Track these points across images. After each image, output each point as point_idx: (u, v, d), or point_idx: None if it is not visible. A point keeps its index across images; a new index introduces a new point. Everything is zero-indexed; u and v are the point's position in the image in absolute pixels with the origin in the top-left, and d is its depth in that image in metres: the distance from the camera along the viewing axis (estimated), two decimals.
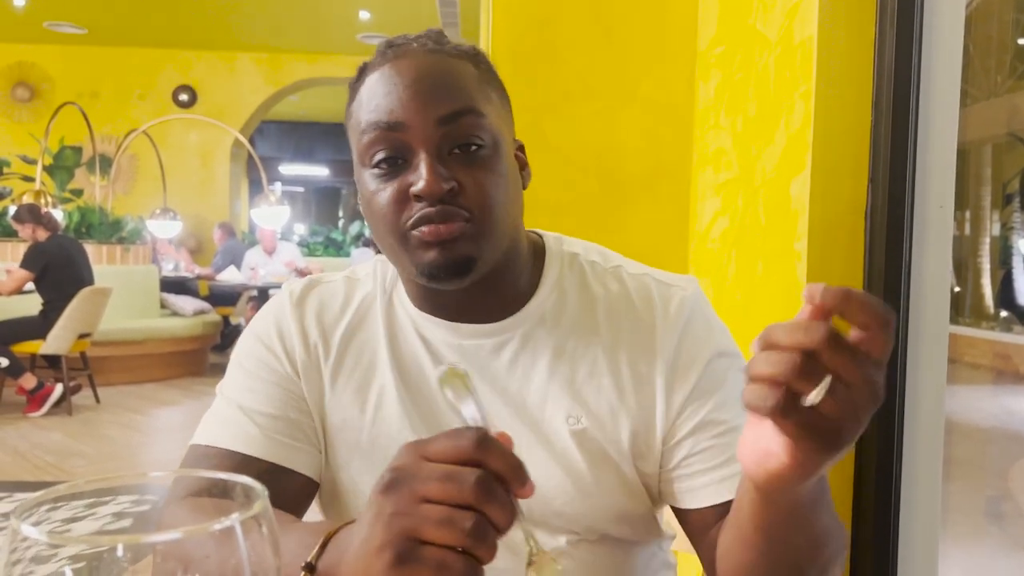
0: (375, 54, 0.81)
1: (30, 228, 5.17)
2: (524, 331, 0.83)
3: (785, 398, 0.50)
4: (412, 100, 0.75)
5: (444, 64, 0.78)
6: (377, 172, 0.77)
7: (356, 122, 0.80)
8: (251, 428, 0.81)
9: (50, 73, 9.39)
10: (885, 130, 1.33)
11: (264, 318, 0.89)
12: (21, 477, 3.84)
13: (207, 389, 6.11)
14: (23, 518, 0.37)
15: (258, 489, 0.40)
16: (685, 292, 0.85)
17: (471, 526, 0.49)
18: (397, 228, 0.76)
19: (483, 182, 0.76)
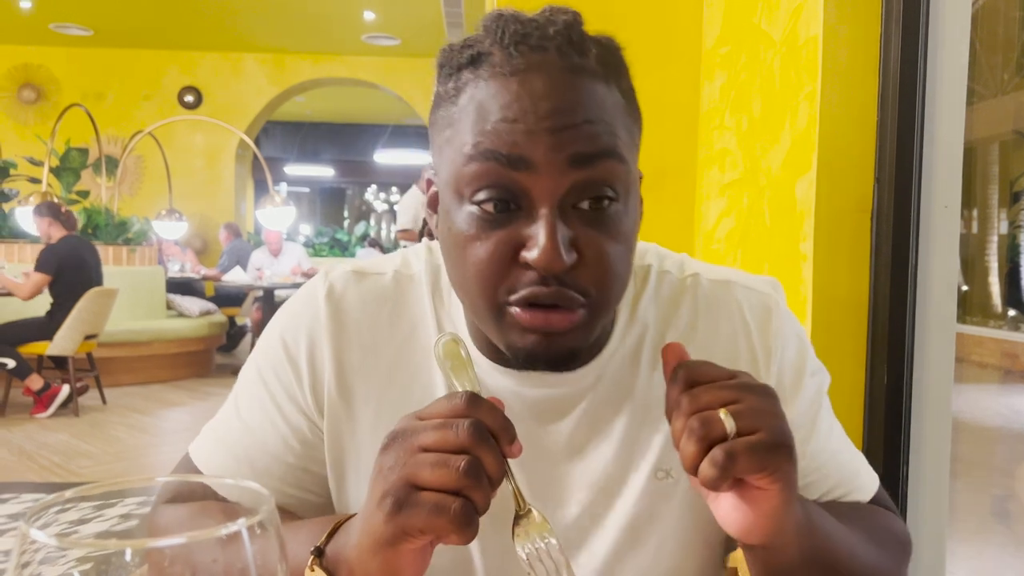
0: (491, 43, 0.61)
1: (46, 223, 5.18)
2: (605, 377, 0.71)
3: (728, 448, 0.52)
4: (544, 134, 0.58)
5: (589, 91, 0.60)
6: (478, 212, 0.60)
7: (458, 136, 0.61)
8: (246, 470, 0.72)
9: (56, 75, 9.42)
10: (891, 129, 1.33)
11: (295, 323, 0.73)
12: (28, 478, 3.85)
13: (213, 390, 6.12)
14: (32, 522, 0.37)
15: (265, 494, 0.40)
16: (778, 306, 0.75)
17: (465, 465, 0.51)
18: (493, 296, 0.61)
19: (608, 253, 0.60)
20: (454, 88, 0.63)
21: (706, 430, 0.53)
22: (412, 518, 0.51)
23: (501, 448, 0.53)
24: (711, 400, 0.54)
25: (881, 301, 1.34)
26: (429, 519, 0.51)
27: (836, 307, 1.38)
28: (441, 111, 0.64)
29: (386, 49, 9.43)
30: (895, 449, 1.34)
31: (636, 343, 0.72)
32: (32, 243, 6.34)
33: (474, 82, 0.61)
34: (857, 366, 1.39)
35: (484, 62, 0.61)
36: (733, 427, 0.53)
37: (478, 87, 0.60)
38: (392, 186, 16.87)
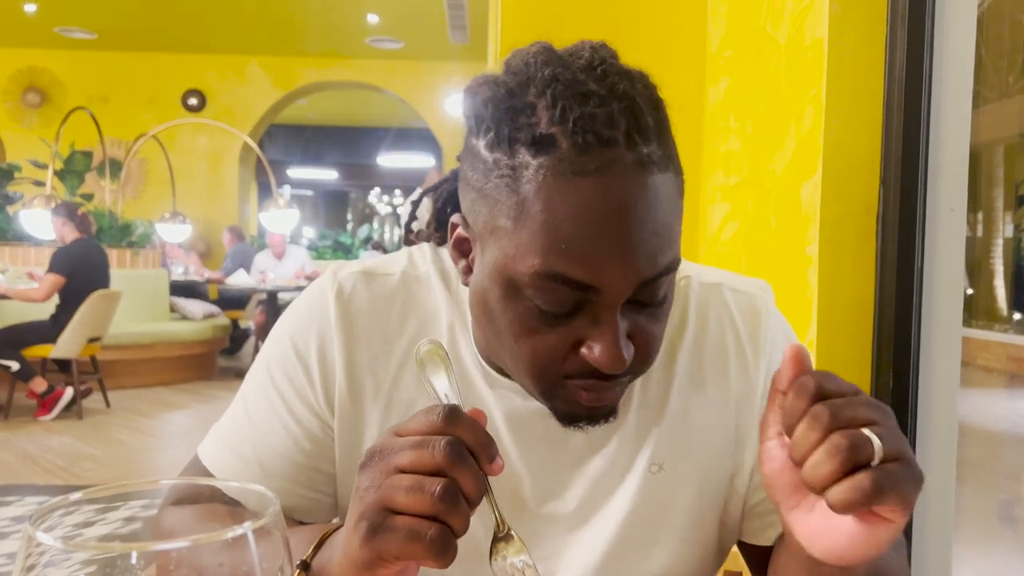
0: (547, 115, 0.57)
1: (60, 222, 5.20)
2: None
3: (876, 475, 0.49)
4: (618, 261, 0.57)
5: (655, 192, 0.58)
6: (533, 311, 0.60)
7: (515, 235, 0.59)
8: (256, 469, 0.72)
9: (60, 78, 9.46)
10: (896, 132, 1.32)
11: (304, 323, 0.73)
12: (31, 480, 3.86)
13: (216, 393, 6.13)
14: (37, 525, 0.37)
15: (270, 497, 0.40)
16: (766, 307, 0.77)
17: (440, 490, 0.49)
18: (547, 378, 0.62)
19: (655, 336, 0.63)
20: (510, 168, 0.58)
21: (854, 452, 0.48)
22: (387, 543, 0.50)
23: (481, 466, 0.51)
24: (855, 417, 0.50)
25: (887, 305, 1.34)
26: (403, 545, 0.49)
27: (841, 311, 1.38)
28: (492, 180, 0.60)
29: (390, 52, 9.45)
30: None
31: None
32: (36, 246, 6.36)
33: (536, 171, 0.57)
34: (863, 370, 1.38)
35: (548, 151, 0.57)
36: (882, 452, 0.49)
37: (545, 181, 0.57)
38: (395, 189, 16.88)
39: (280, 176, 12.43)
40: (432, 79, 9.85)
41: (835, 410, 0.50)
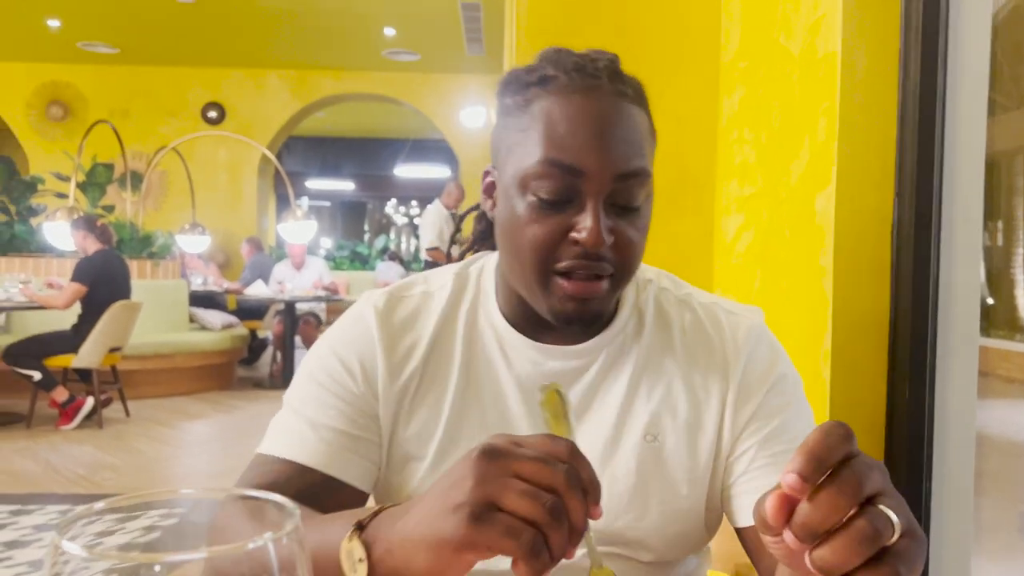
0: (552, 66, 0.79)
1: (82, 235, 5.27)
2: (607, 353, 0.86)
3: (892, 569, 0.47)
4: (597, 151, 0.75)
5: (629, 115, 0.78)
6: (536, 204, 0.77)
7: (528, 141, 0.78)
8: (315, 441, 0.81)
9: (83, 92, 9.59)
10: (911, 143, 1.32)
11: (345, 335, 0.88)
12: (53, 489, 3.90)
13: (235, 403, 6.17)
14: (63, 534, 0.38)
15: (290, 507, 0.41)
16: (752, 320, 0.88)
17: (551, 505, 0.51)
18: (543, 267, 0.78)
19: (632, 240, 0.78)
20: (523, 100, 0.79)
21: (879, 540, 0.47)
22: (484, 534, 0.51)
23: (587, 504, 0.53)
24: (873, 489, 0.48)
25: (902, 315, 1.33)
26: (500, 540, 0.51)
27: (857, 321, 1.38)
28: (512, 119, 0.81)
29: (406, 64, 9.51)
30: (917, 465, 1.33)
31: (634, 330, 0.88)
32: (58, 257, 6.44)
33: (543, 97, 0.78)
34: (878, 381, 1.38)
35: (551, 82, 0.78)
36: (900, 530, 0.47)
37: (547, 101, 0.78)
38: (412, 200, 16.96)
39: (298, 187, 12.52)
40: (448, 91, 9.90)
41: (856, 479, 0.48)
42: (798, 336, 1.49)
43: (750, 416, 0.84)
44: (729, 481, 0.85)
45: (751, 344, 0.86)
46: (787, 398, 0.85)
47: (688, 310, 0.89)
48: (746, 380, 0.85)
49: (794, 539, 0.48)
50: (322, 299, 7.17)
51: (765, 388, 0.84)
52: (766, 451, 0.82)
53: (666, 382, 0.85)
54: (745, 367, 0.85)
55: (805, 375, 1.44)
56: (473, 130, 9.86)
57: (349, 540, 0.60)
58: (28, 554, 3.00)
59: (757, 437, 0.83)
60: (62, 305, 5.07)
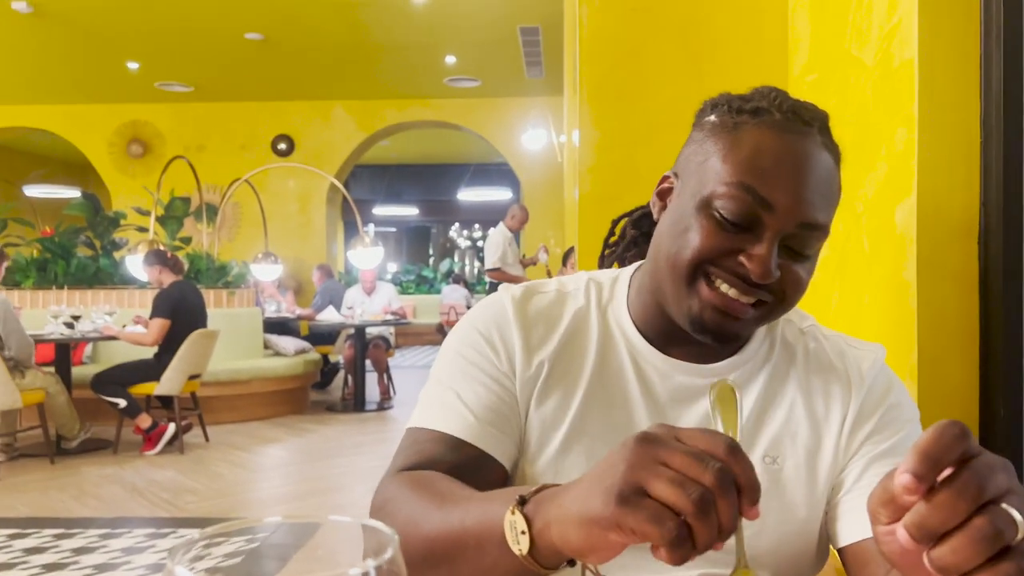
0: (767, 101, 0.81)
1: (156, 270, 5.48)
2: (738, 375, 0.88)
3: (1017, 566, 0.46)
4: (793, 191, 0.77)
5: (830, 170, 0.80)
6: (714, 220, 0.78)
7: (725, 161, 0.79)
8: (468, 416, 0.84)
9: (160, 129, 10.03)
10: (996, 149, 1.28)
11: (485, 314, 0.92)
12: (138, 513, 4.03)
13: (308, 426, 6.29)
14: (178, 561, 0.39)
15: (388, 534, 0.41)
16: (876, 355, 0.90)
17: (698, 497, 0.51)
18: (697, 267, 0.79)
19: (799, 281, 0.80)
20: (732, 123, 0.81)
21: (1000, 539, 0.46)
22: (629, 517, 0.52)
23: (741, 504, 0.52)
24: (996, 491, 0.47)
25: (994, 330, 1.28)
26: (645, 525, 0.52)
27: (944, 337, 1.33)
28: (714, 137, 0.81)
29: (467, 91, 9.65)
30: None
31: (764, 357, 0.90)
32: (140, 288, 6.70)
33: (753, 126, 0.79)
34: (970, 400, 1.32)
35: (764, 115, 0.80)
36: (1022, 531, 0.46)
37: (757, 131, 0.79)
38: (475, 223, 17.11)
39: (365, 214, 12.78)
40: (509, 115, 9.99)
41: (980, 482, 0.47)
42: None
43: (865, 437, 0.85)
44: (836, 499, 0.85)
45: (874, 374, 0.88)
46: (902, 423, 0.86)
47: (813, 340, 0.92)
48: (865, 405, 0.87)
49: (908, 538, 0.47)
50: (390, 323, 7.27)
51: (881, 411, 0.86)
52: (874, 470, 0.82)
53: (788, 406, 0.87)
54: (866, 396, 0.87)
55: None
56: (534, 152, 9.92)
57: (512, 513, 0.62)
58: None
59: (868, 456, 0.84)
60: (151, 342, 5.28)
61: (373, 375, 7.45)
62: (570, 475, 0.79)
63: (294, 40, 7.77)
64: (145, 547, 3.45)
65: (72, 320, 5.55)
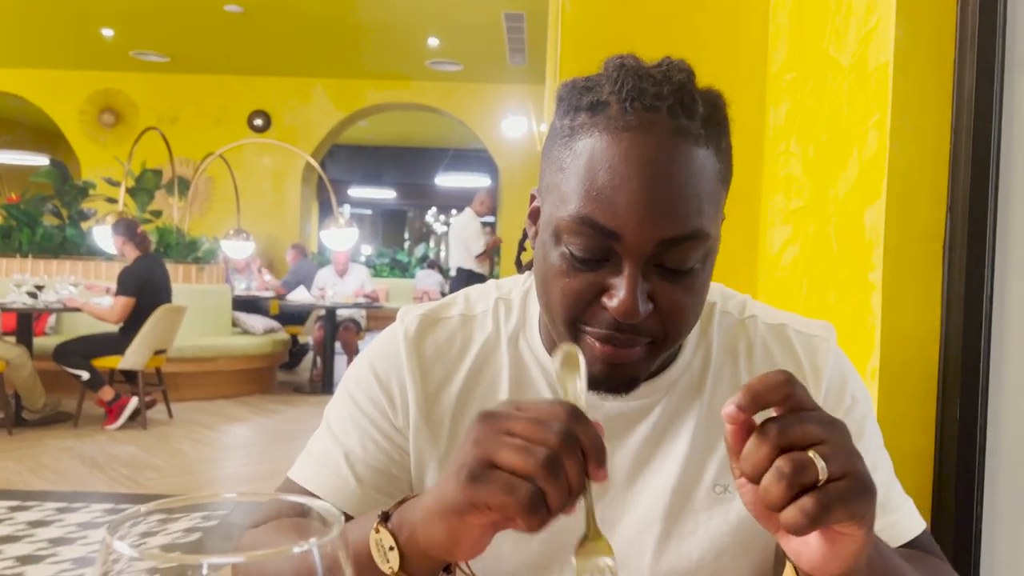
0: (609, 85, 0.67)
1: (121, 241, 5.39)
2: (672, 393, 0.79)
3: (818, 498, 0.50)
4: (638, 211, 0.64)
5: (686, 163, 0.65)
6: (568, 256, 0.67)
7: (563, 188, 0.67)
8: (351, 481, 0.78)
9: (134, 99, 9.85)
10: (965, 156, 1.29)
11: (382, 355, 0.82)
12: (97, 488, 3.98)
13: (275, 407, 6.25)
14: (114, 533, 0.39)
15: (335, 514, 0.41)
16: (828, 344, 0.81)
17: (544, 457, 0.51)
18: (572, 324, 0.69)
19: (680, 307, 0.68)
20: (570, 128, 0.68)
21: (798, 476, 0.50)
22: (482, 492, 0.52)
23: (588, 467, 0.53)
24: (800, 437, 0.51)
25: (954, 333, 1.30)
26: (498, 496, 0.51)
27: (906, 339, 1.35)
28: (556, 149, 0.70)
29: (449, 75, 9.59)
30: (969, 486, 1.29)
31: (701, 369, 0.80)
32: (108, 260, 6.60)
33: (589, 130, 0.66)
34: (928, 400, 1.34)
35: (601, 111, 0.66)
36: (826, 473, 0.50)
37: (592, 138, 0.66)
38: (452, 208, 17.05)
39: (340, 195, 12.69)
40: (490, 100, 9.95)
41: (782, 429, 0.52)
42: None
43: None
44: None
45: (828, 370, 0.79)
46: (858, 428, 0.77)
47: (756, 336, 0.81)
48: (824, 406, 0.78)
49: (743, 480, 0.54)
50: (362, 306, 7.23)
51: (840, 412, 0.78)
52: None
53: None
54: (824, 395, 0.79)
55: None
56: (514, 140, 9.90)
57: (376, 531, 0.60)
58: (73, 551, 3.06)
59: None
60: (114, 320, 5.21)
61: (343, 357, 7.41)
62: (500, 550, 0.75)
63: (275, 14, 7.66)
64: (102, 522, 3.41)
65: (35, 290, 5.45)
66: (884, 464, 0.80)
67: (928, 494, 1.34)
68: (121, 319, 5.20)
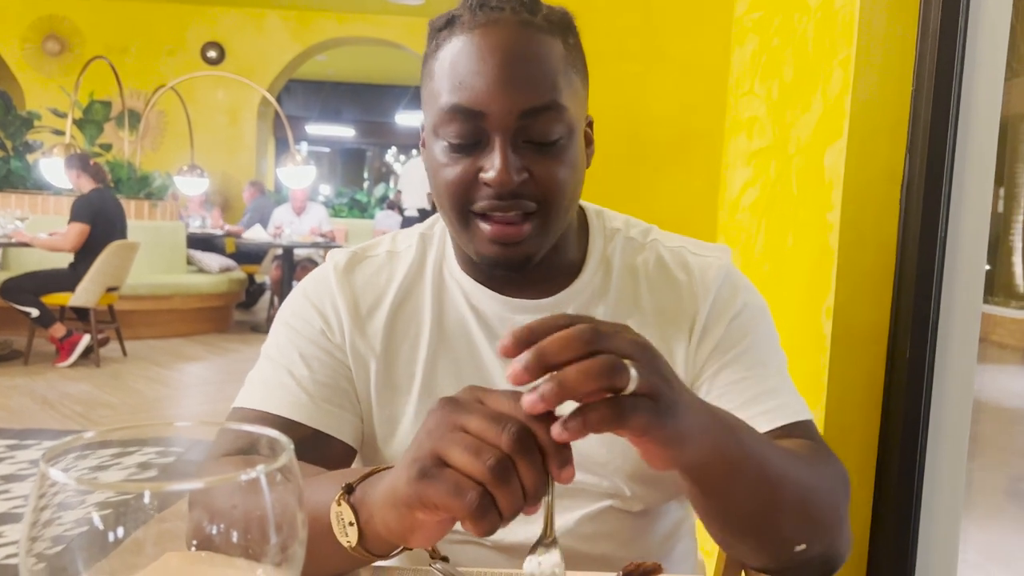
0: (462, 7, 0.77)
1: (75, 174, 5.22)
2: (575, 306, 0.85)
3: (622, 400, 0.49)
4: (496, 88, 0.73)
5: (534, 45, 0.75)
6: (447, 148, 0.76)
7: (434, 90, 0.77)
8: (300, 395, 0.81)
9: (80, 27, 9.41)
10: (926, 99, 1.29)
11: (315, 285, 0.88)
12: (49, 425, 3.92)
13: (231, 345, 6.19)
14: (52, 463, 0.37)
15: (283, 442, 0.40)
16: (720, 261, 0.87)
17: (494, 463, 0.48)
18: (461, 208, 0.77)
19: (553, 174, 0.76)
20: (434, 46, 0.78)
21: (610, 377, 0.48)
22: (429, 490, 0.50)
23: (548, 467, 0.49)
24: (619, 347, 0.50)
25: (907, 274, 1.32)
26: (445, 498, 0.49)
27: (861, 278, 1.36)
28: (426, 66, 0.79)
29: (411, 9, 9.32)
30: (914, 424, 1.33)
31: (601, 283, 0.86)
32: (55, 195, 6.39)
33: (447, 40, 0.76)
34: (879, 339, 1.37)
35: (455, 23, 0.76)
36: (636, 383, 0.49)
37: (450, 43, 0.76)
38: (413, 148, 16.80)
39: (298, 132, 12.39)
40: None
41: (602, 331, 0.50)
42: (801, 292, 1.48)
43: (711, 350, 0.83)
44: None
45: (718, 283, 0.85)
46: (746, 329, 0.83)
47: (655, 256, 0.87)
48: (710, 318, 0.84)
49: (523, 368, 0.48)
50: (320, 245, 7.14)
51: (725, 322, 0.83)
52: (722, 379, 0.81)
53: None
54: (711, 306, 0.84)
55: (806, 330, 1.43)
56: None
57: (338, 504, 0.59)
58: (24, 488, 3.03)
59: (714, 367, 0.82)
60: (69, 248, 5.06)
61: None
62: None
63: None
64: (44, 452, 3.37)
65: None
66: (774, 360, 0.84)
67: (876, 423, 1.38)
68: (75, 247, 5.06)
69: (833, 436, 1.37)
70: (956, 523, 1.37)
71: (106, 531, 0.37)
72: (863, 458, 1.39)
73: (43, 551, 0.37)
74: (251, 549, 0.38)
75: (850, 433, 1.39)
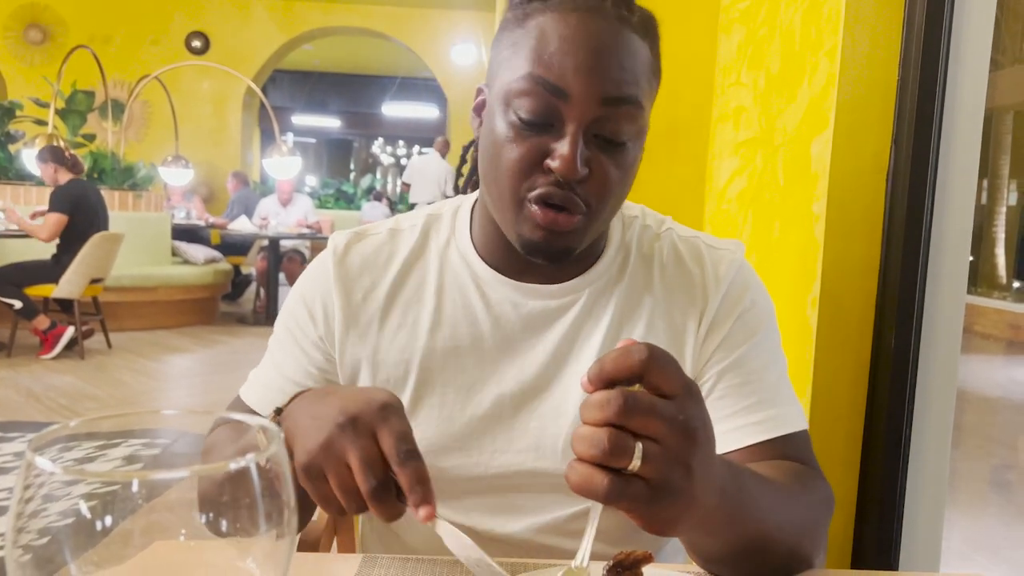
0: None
1: (52, 168, 5.15)
2: (589, 293, 0.84)
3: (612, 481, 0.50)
4: (586, 73, 0.71)
5: (628, 41, 0.73)
6: (516, 123, 0.74)
7: (517, 56, 0.74)
8: (288, 392, 0.82)
9: (62, 15, 9.30)
10: (912, 90, 1.30)
11: (309, 278, 0.89)
12: (34, 418, 3.89)
13: (217, 337, 6.16)
14: (38, 452, 0.37)
15: (273, 430, 0.40)
16: (733, 256, 0.87)
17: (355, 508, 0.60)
18: (516, 191, 0.75)
19: (613, 178, 0.74)
20: (523, 14, 0.75)
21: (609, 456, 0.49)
22: (309, 485, 0.60)
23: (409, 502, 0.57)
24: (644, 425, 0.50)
25: (892, 264, 1.33)
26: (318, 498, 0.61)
27: (846, 269, 1.37)
28: (507, 33, 0.76)
29: None
30: (898, 414, 1.34)
31: (618, 270, 0.86)
32: (37, 186, 6.32)
33: (541, 13, 0.73)
34: (865, 330, 1.38)
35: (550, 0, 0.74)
36: (638, 467, 0.50)
37: (544, 17, 0.73)
38: (399, 139, 16.74)
39: (283, 122, 12.30)
40: (440, 28, 9.69)
41: (630, 404, 0.49)
42: (787, 282, 1.49)
43: (716, 346, 0.83)
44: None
45: (731, 276, 0.85)
46: (753, 328, 0.84)
47: (669, 245, 0.87)
48: (720, 311, 0.84)
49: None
50: (306, 236, 7.11)
51: (733, 318, 0.83)
52: (724, 382, 0.81)
53: (647, 321, 0.83)
54: (722, 300, 0.84)
55: (792, 321, 1.44)
56: (463, 68, 9.69)
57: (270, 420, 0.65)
58: (8, 480, 3.01)
59: (719, 367, 0.82)
60: (46, 237, 5.00)
61: (286, 288, 7.30)
62: (424, 432, 0.82)
63: None
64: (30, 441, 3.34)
65: None
66: (776, 365, 0.85)
67: (861, 413, 1.39)
68: (52, 238, 5.00)
69: (818, 426, 1.38)
70: (940, 511, 1.38)
71: (93, 521, 0.37)
72: (848, 447, 1.40)
73: (29, 542, 0.37)
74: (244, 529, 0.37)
75: (835, 422, 1.40)
